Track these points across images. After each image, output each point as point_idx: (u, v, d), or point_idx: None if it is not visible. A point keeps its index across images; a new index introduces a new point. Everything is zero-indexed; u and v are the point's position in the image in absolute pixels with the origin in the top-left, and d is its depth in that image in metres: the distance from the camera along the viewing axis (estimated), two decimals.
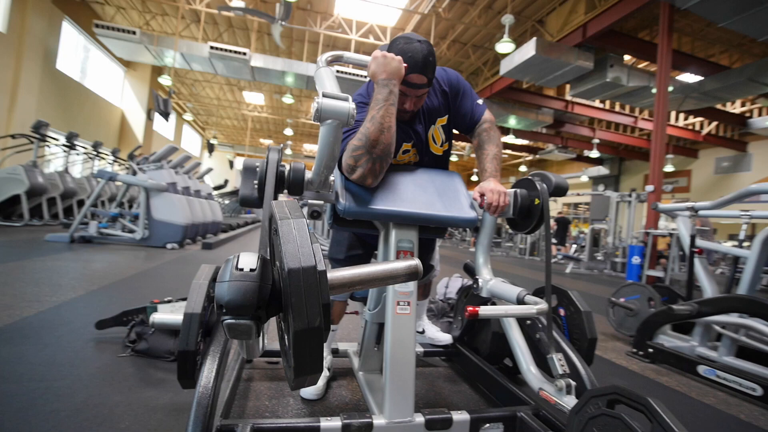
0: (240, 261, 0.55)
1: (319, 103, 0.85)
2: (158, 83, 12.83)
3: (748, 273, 2.02)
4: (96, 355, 1.59)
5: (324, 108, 0.84)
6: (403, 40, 1.19)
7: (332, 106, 0.85)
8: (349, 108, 0.86)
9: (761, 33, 6.14)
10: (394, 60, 1.10)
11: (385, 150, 1.10)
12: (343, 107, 0.85)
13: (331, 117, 0.86)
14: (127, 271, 3.35)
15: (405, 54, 1.16)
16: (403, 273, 0.64)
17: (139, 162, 5.50)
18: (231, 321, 0.53)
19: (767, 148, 12.21)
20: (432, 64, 1.18)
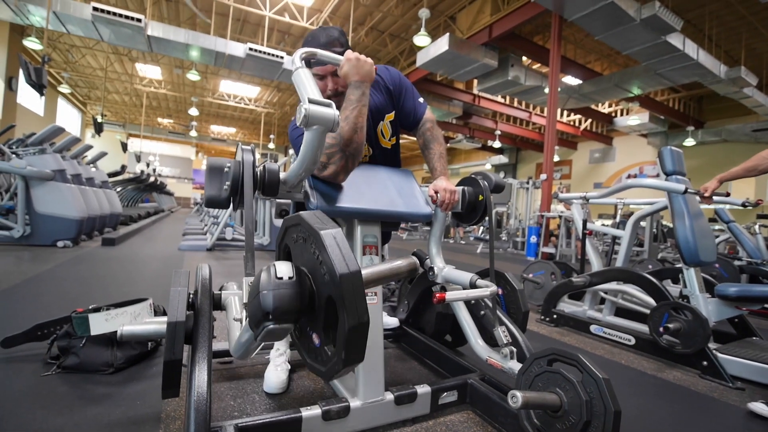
0: (278, 270, 0.59)
1: (307, 109, 0.87)
2: (23, 46, 10.57)
3: (623, 249, 2.54)
4: (12, 377, 1.38)
5: (311, 114, 0.87)
6: (320, 31, 1.30)
7: (319, 113, 0.88)
8: (335, 115, 0.90)
9: (624, 47, 7.41)
10: (367, 63, 1.17)
11: (358, 148, 1.17)
12: (329, 114, 0.89)
13: (317, 123, 0.89)
14: (11, 278, 2.84)
15: (313, 41, 1.26)
16: (406, 270, 0.73)
17: (13, 145, 4.56)
18: (274, 327, 0.57)
19: (627, 143, 14.86)
20: (336, 40, 1.28)
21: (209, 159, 1.09)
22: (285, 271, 0.60)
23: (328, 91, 1.29)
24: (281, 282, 0.58)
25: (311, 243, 0.62)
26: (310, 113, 0.87)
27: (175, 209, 18.26)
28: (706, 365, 1.80)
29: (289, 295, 0.58)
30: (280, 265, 0.61)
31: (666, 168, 2.15)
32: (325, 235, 0.59)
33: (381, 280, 0.70)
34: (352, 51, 1.21)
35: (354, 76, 1.16)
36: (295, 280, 0.60)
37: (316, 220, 0.64)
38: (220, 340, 1.80)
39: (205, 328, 0.92)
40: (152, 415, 1.20)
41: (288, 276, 0.59)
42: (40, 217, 4.25)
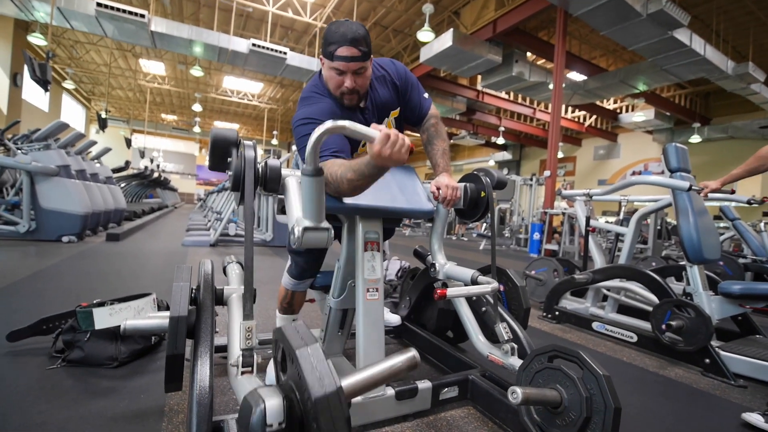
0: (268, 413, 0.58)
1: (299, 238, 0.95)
2: (28, 42, 10.61)
3: (626, 246, 2.53)
4: (18, 370, 1.40)
5: (305, 241, 0.95)
6: (336, 24, 1.22)
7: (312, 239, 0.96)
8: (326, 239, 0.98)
9: (630, 43, 7.34)
10: (403, 149, 0.91)
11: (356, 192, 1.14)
12: (321, 239, 0.97)
13: (310, 246, 0.97)
14: (18, 272, 2.87)
15: (336, 32, 1.18)
16: (405, 367, 0.69)
17: (18, 140, 4.59)
18: None
19: (632, 140, 14.75)
20: (362, 38, 1.19)
21: (214, 131, 1.06)
22: (275, 414, 0.58)
23: (344, 87, 1.24)
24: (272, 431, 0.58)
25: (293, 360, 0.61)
26: (304, 240, 0.95)
27: (178, 205, 18.35)
28: (709, 363, 1.80)
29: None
30: (270, 400, 0.59)
31: (671, 165, 2.14)
32: (301, 353, 0.58)
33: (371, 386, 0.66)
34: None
35: (386, 160, 0.91)
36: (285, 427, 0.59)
37: (295, 336, 0.62)
38: (222, 335, 1.81)
39: (207, 323, 0.93)
40: (156, 409, 1.21)
41: (278, 422, 0.58)
42: (45, 213, 4.28)
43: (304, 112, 1.25)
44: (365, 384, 0.63)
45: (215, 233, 5.27)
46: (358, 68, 1.21)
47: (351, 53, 1.18)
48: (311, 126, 1.21)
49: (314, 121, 1.21)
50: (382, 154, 0.89)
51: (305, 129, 1.21)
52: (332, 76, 1.24)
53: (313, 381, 0.55)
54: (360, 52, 1.18)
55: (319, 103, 1.29)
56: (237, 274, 1.29)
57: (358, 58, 1.19)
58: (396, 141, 0.89)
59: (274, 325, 1.60)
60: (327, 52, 1.20)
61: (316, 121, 1.21)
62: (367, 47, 1.21)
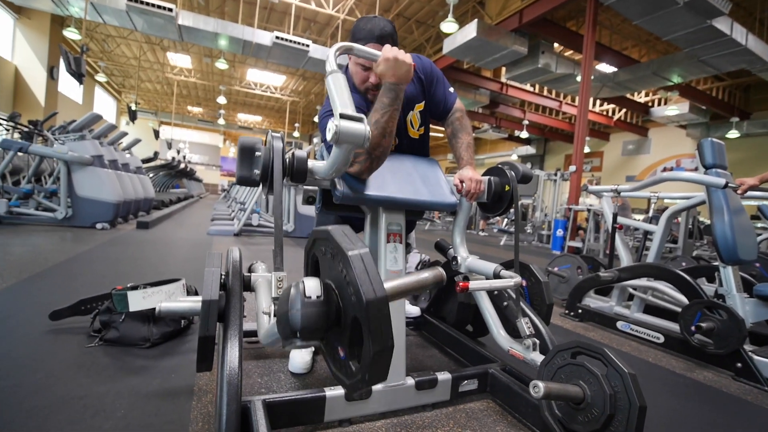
0: (307, 288, 0.61)
1: (337, 125, 0.84)
2: (63, 37, 11.05)
3: (655, 244, 2.45)
4: (59, 347, 1.49)
5: (342, 131, 0.84)
6: (366, 21, 1.24)
7: (350, 130, 0.85)
8: (365, 132, 0.87)
9: (665, 32, 7.00)
10: (406, 63, 1.07)
11: (384, 152, 1.16)
12: (359, 131, 0.86)
13: (348, 141, 0.87)
14: (57, 256, 3.03)
15: (363, 29, 1.21)
16: (432, 281, 0.72)
17: (55, 131, 4.82)
18: (301, 343, 0.60)
19: (663, 134, 14.15)
20: (389, 35, 1.21)
21: (241, 139, 1.10)
22: (313, 289, 0.61)
23: (369, 83, 1.27)
24: (309, 301, 0.60)
25: (339, 261, 0.63)
26: (341, 130, 0.85)
27: (203, 195, 18.86)
28: (741, 367, 1.73)
29: (317, 314, 0.59)
30: (308, 281, 0.62)
31: (705, 161, 2.05)
32: (353, 257, 0.59)
33: (406, 293, 0.70)
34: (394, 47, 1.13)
35: (390, 77, 1.08)
36: (323, 299, 0.61)
37: (344, 238, 0.64)
38: (249, 320, 1.87)
39: (236, 307, 0.96)
40: (186, 388, 1.27)
41: (316, 295, 0.61)
42: (81, 201, 4.49)
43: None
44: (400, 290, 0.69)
45: (239, 223, 5.40)
46: None
47: (377, 50, 1.18)
48: None
49: None
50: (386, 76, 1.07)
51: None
52: (358, 72, 1.26)
53: (366, 284, 0.58)
54: None
55: None
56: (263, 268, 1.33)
57: None
58: (397, 57, 1.07)
59: None
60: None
61: None
62: (394, 44, 1.22)
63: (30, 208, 4.53)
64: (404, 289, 0.69)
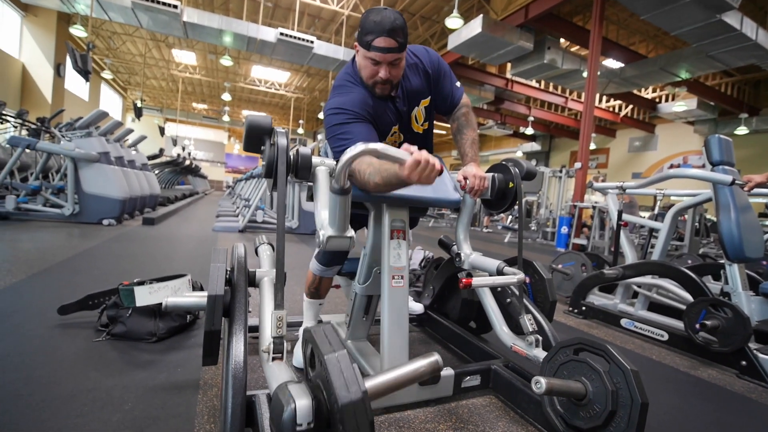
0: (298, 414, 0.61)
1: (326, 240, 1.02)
2: (70, 34, 11.12)
3: (660, 242, 2.44)
4: (68, 341, 1.52)
5: (329, 244, 1.03)
6: (374, 13, 1.20)
7: (335, 243, 1.04)
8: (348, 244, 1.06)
9: (673, 27, 6.90)
10: (434, 171, 0.91)
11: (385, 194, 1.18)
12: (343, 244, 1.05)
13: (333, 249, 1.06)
14: (64, 252, 3.07)
15: (374, 21, 1.17)
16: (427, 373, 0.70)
17: (62, 128, 4.86)
18: None
19: (670, 131, 14.00)
20: (400, 28, 1.17)
21: (250, 116, 1.09)
22: (304, 415, 0.61)
23: (378, 77, 1.23)
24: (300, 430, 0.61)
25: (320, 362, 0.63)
26: (328, 245, 1.03)
27: (208, 192, 18.95)
28: (745, 365, 1.72)
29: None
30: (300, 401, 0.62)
31: (712, 158, 2.03)
32: (330, 358, 0.60)
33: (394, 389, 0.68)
34: None
35: (414, 180, 0.92)
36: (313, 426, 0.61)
37: (323, 340, 0.64)
38: (253, 315, 1.89)
39: (241, 302, 0.97)
40: (192, 382, 1.29)
41: (307, 422, 0.61)
42: (88, 197, 4.54)
43: (336, 101, 1.26)
44: (389, 386, 0.66)
45: (244, 219, 5.43)
46: (394, 59, 1.21)
47: (388, 44, 1.17)
48: (342, 116, 1.23)
49: (346, 111, 1.23)
50: (411, 178, 0.90)
51: (336, 119, 1.23)
52: (367, 65, 1.24)
53: (341, 387, 0.58)
54: (397, 44, 1.17)
55: (351, 92, 1.29)
56: (268, 255, 1.34)
57: (395, 49, 1.18)
58: (425, 167, 0.88)
59: (301, 307, 1.65)
60: (364, 41, 1.19)
61: (348, 111, 1.23)
62: (404, 38, 1.19)
63: (38, 205, 4.59)
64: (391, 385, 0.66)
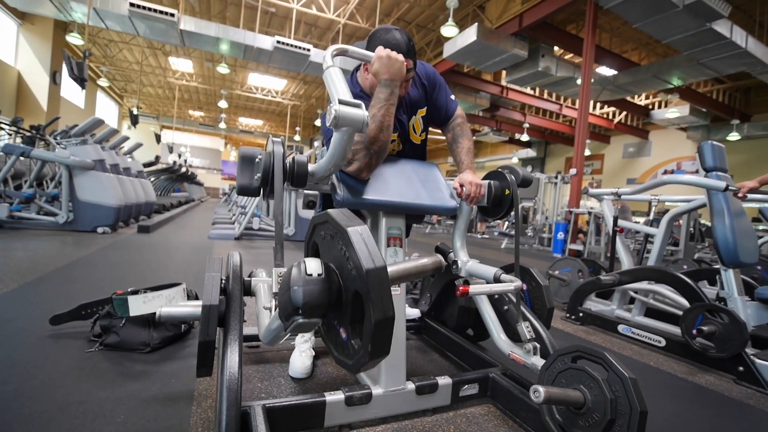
0: (308, 267, 0.62)
1: (337, 110, 0.88)
2: (66, 42, 11.12)
3: (656, 248, 2.45)
4: (59, 352, 1.49)
5: (341, 116, 0.88)
6: (383, 31, 1.26)
7: (349, 114, 0.89)
8: (364, 116, 0.91)
9: (665, 36, 7.02)
10: (398, 61, 1.15)
11: (383, 147, 1.18)
12: (358, 115, 0.90)
13: (347, 125, 0.90)
14: (58, 260, 3.03)
15: (389, 43, 1.22)
16: (431, 268, 0.74)
17: (57, 136, 4.84)
18: (303, 321, 0.60)
19: (664, 137, 14.16)
20: (413, 49, 1.26)
21: (242, 149, 1.12)
22: (314, 267, 0.62)
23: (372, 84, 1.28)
24: (310, 278, 0.61)
25: (338, 240, 0.64)
26: (340, 114, 0.88)
27: (204, 199, 18.88)
28: (743, 371, 1.72)
29: (318, 291, 0.60)
30: (309, 261, 0.63)
31: (706, 164, 2.05)
32: (352, 231, 0.61)
33: (406, 278, 0.72)
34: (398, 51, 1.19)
35: (384, 74, 1.15)
36: (323, 276, 0.62)
37: (343, 218, 0.66)
38: (249, 325, 1.87)
39: (236, 312, 0.96)
40: (186, 393, 1.27)
41: (317, 273, 0.62)
42: (82, 205, 4.50)
43: None
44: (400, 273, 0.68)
45: (240, 227, 5.41)
46: (410, 78, 1.29)
47: (407, 65, 1.22)
48: None
49: None
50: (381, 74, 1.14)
51: None
52: (369, 77, 1.27)
53: (365, 256, 0.60)
54: (413, 64, 1.25)
55: None
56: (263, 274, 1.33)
57: (411, 69, 1.25)
58: (390, 55, 1.14)
59: None
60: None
61: None
62: (413, 59, 1.26)
63: (31, 213, 4.55)
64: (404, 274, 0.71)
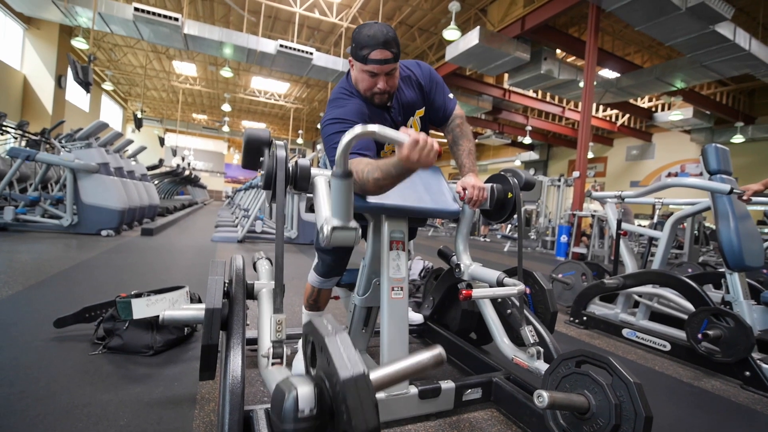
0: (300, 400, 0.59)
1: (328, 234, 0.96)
2: (71, 46, 11.23)
3: (660, 251, 2.43)
4: (64, 354, 1.50)
5: (334, 239, 0.96)
6: (365, 27, 1.24)
7: (340, 238, 0.97)
8: (353, 238, 0.99)
9: (667, 38, 7.01)
10: (433, 152, 0.92)
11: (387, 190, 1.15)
12: (349, 238, 0.98)
13: (338, 245, 1.00)
14: (63, 263, 3.05)
15: (367, 36, 1.21)
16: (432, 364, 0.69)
17: (62, 139, 4.88)
18: None
19: (667, 139, 14.11)
20: (393, 40, 1.22)
21: (248, 130, 1.11)
22: (307, 401, 0.59)
23: (376, 88, 1.27)
24: (302, 417, 0.58)
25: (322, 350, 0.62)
26: (333, 238, 0.96)
27: (208, 202, 18.95)
28: (749, 375, 1.71)
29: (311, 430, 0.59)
30: (302, 388, 0.60)
31: (710, 166, 2.04)
32: (330, 341, 0.58)
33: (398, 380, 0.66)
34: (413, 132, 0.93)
35: (414, 164, 0.93)
36: (315, 412, 0.59)
37: (323, 327, 0.63)
38: (252, 328, 1.87)
39: (239, 315, 0.97)
40: (188, 396, 1.27)
41: (309, 408, 0.59)
42: (86, 208, 4.53)
43: (333, 112, 1.28)
44: (391, 378, 0.64)
45: (243, 230, 5.42)
46: (390, 70, 1.25)
47: (384, 56, 1.21)
48: (340, 126, 1.24)
49: (343, 121, 1.24)
50: (411, 158, 0.89)
51: (333, 128, 1.24)
52: (365, 78, 1.27)
53: (342, 364, 0.56)
54: (392, 54, 1.22)
55: (347, 104, 1.31)
56: (267, 269, 1.34)
57: (391, 60, 1.22)
58: (425, 146, 0.89)
59: (299, 320, 1.64)
60: (359, 55, 1.22)
61: (345, 121, 1.24)
62: (398, 48, 1.24)
63: (36, 216, 4.58)
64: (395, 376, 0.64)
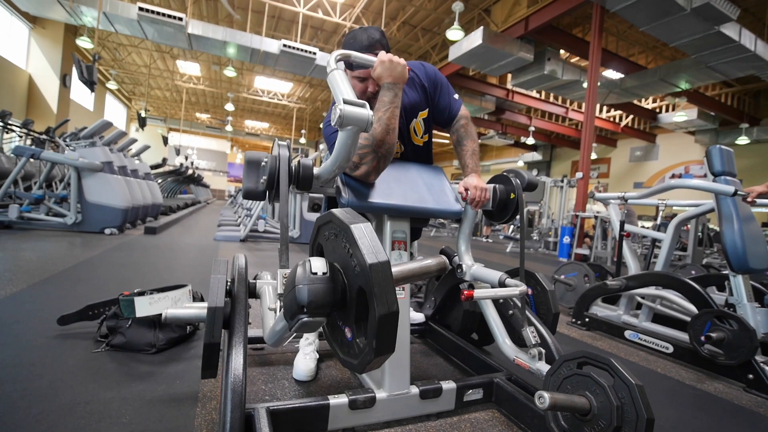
0: (312, 266, 0.62)
1: (342, 110, 0.88)
2: (76, 46, 11.29)
3: (664, 252, 2.42)
4: (66, 352, 1.50)
5: (346, 115, 0.88)
6: (354, 32, 1.29)
7: (353, 114, 0.88)
8: (368, 116, 0.90)
9: (672, 39, 6.97)
10: (399, 64, 1.16)
11: (389, 149, 1.18)
12: (363, 114, 0.89)
13: (351, 124, 0.90)
14: (66, 261, 3.07)
15: (351, 41, 1.26)
16: (435, 269, 0.74)
17: (66, 138, 4.90)
18: (307, 319, 0.60)
19: (671, 141, 14.04)
20: (378, 42, 1.27)
21: (247, 153, 1.13)
22: (319, 266, 0.63)
23: (368, 93, 1.29)
24: (315, 277, 0.61)
25: (342, 238, 0.64)
26: (345, 114, 0.88)
27: (210, 201, 19.01)
28: (752, 378, 1.70)
29: (323, 290, 0.61)
30: (314, 260, 0.64)
31: (714, 168, 2.03)
32: (355, 228, 0.62)
33: (410, 278, 0.71)
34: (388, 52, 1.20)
35: (387, 77, 1.17)
36: (328, 275, 0.63)
37: (346, 216, 0.66)
38: (254, 327, 1.87)
39: (241, 314, 0.97)
40: (190, 394, 1.27)
41: (322, 272, 0.62)
42: (90, 206, 4.55)
43: None
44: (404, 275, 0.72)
45: (245, 229, 5.44)
46: None
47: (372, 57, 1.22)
48: None
49: None
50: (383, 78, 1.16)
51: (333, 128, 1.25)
52: (355, 85, 1.28)
53: (368, 250, 0.60)
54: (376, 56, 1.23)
55: None
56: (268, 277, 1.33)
57: None
58: (392, 59, 1.16)
59: None
60: (348, 63, 1.23)
61: None
62: (383, 48, 1.27)
63: (41, 214, 4.61)
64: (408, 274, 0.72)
